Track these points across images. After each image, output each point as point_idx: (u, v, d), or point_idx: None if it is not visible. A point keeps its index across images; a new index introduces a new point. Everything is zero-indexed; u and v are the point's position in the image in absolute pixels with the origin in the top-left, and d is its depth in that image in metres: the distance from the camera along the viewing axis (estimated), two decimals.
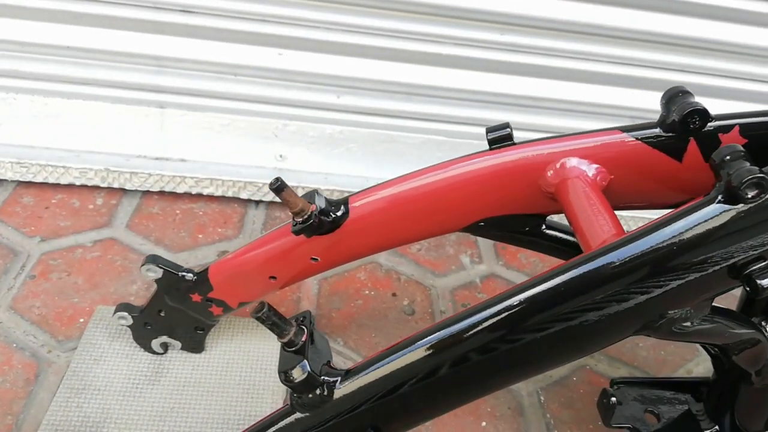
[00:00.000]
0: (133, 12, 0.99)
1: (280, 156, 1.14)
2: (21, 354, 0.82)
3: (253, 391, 0.81)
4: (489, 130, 0.60)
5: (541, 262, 1.11)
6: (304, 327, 0.49)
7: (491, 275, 1.06)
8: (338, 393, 0.48)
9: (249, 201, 1.13)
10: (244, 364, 0.83)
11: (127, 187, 1.10)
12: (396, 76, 1.07)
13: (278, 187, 0.59)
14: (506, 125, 0.60)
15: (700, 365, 0.95)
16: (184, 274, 0.74)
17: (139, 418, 0.76)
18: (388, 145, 1.14)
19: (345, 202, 0.65)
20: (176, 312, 0.78)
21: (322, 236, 0.65)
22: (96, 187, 1.10)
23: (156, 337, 0.81)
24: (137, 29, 1.01)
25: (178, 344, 0.82)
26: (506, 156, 0.59)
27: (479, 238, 1.13)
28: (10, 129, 1.08)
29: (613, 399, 0.70)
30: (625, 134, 0.57)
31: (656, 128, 0.57)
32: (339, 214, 0.64)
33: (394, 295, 1.00)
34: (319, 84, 1.08)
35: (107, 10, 0.99)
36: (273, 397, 0.80)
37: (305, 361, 0.47)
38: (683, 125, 0.55)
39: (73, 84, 1.06)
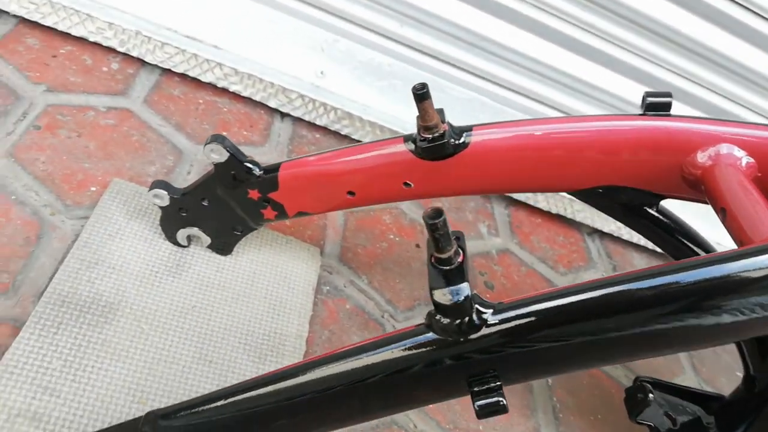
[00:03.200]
0: None
1: (321, 72, 1.06)
2: (20, 209, 0.71)
3: (279, 308, 0.74)
4: (648, 94, 0.57)
5: (551, 248, 1.11)
6: (461, 248, 0.45)
7: (506, 251, 1.04)
8: (486, 328, 0.44)
9: (276, 111, 1.05)
10: (271, 279, 0.77)
11: (147, 59, 0.98)
12: (465, 21, 1.02)
13: (423, 93, 0.54)
14: (669, 94, 0.57)
15: (686, 381, 0.99)
16: (250, 165, 0.66)
17: (158, 309, 0.68)
18: (433, 92, 1.09)
19: (468, 129, 0.60)
20: (222, 205, 0.70)
21: (430, 161, 0.60)
22: (111, 50, 0.97)
23: (185, 227, 0.73)
24: None
25: (207, 241, 0.74)
26: (659, 123, 0.56)
27: (496, 210, 1.11)
28: None
29: (651, 396, 0.71)
30: None
31: None
32: (459, 141, 0.59)
33: (417, 246, 0.96)
34: (384, 6, 1.01)
35: None
36: (300, 319, 0.75)
37: (466, 283, 0.43)
38: None
39: None
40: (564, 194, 1.11)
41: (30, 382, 0.57)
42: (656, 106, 0.57)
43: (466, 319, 0.43)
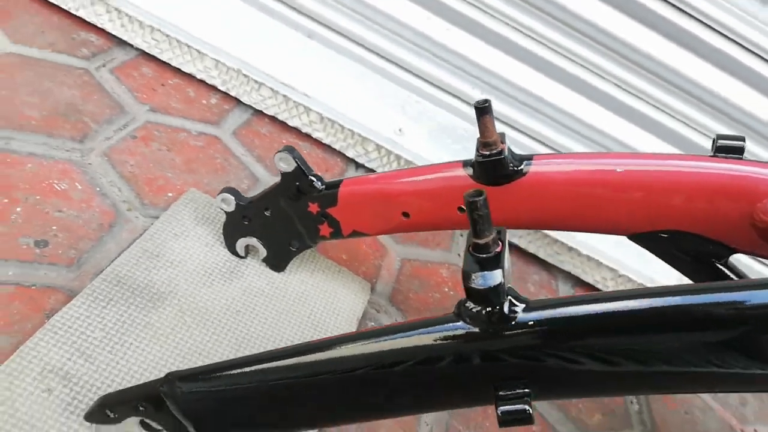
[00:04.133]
0: None
1: (400, 130, 1.10)
2: (102, 200, 0.77)
3: (320, 329, 0.74)
4: (720, 137, 0.55)
5: None
6: (501, 240, 0.43)
7: None
8: (519, 322, 0.42)
9: (351, 161, 1.09)
10: (318, 301, 0.77)
11: (243, 99, 1.06)
12: (552, 95, 1.04)
13: (485, 107, 0.55)
14: (742, 138, 0.55)
15: None
16: (314, 178, 0.69)
17: (204, 307, 0.69)
18: None
19: (529, 158, 0.60)
20: (283, 216, 0.72)
21: (486, 185, 0.60)
22: (213, 88, 1.06)
23: (246, 236, 0.75)
24: None
25: (263, 253, 0.76)
26: (728, 166, 0.54)
27: (561, 288, 1.06)
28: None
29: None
30: None
31: None
32: (518, 168, 0.59)
33: None
34: (467, 72, 1.05)
35: None
36: None
37: (500, 270, 0.41)
38: None
39: None
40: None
41: (70, 344, 0.59)
42: (727, 148, 0.55)
43: (497, 308, 0.41)
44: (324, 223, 0.71)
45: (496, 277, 0.41)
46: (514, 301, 0.42)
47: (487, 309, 0.41)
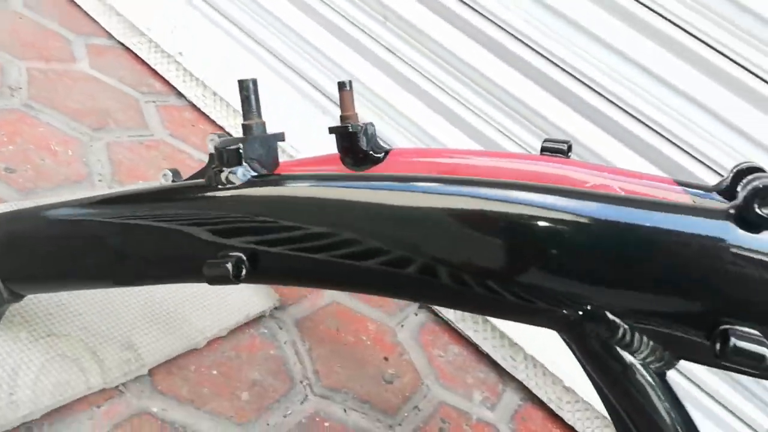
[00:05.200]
0: None
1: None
2: (81, 166, 0.91)
3: (202, 303, 0.77)
4: (546, 140, 0.57)
5: None
6: (262, 122, 0.49)
7: (490, 425, 0.91)
8: (239, 190, 0.46)
9: None
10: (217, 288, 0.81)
11: None
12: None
13: (343, 84, 0.62)
14: (567, 141, 0.57)
15: None
16: None
17: None
18: None
19: (388, 152, 0.65)
20: None
21: (349, 168, 0.65)
22: None
23: None
24: None
25: None
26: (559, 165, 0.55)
27: (506, 395, 0.99)
28: None
29: None
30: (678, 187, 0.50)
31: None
32: (377, 155, 0.64)
33: (385, 359, 0.91)
34: None
35: None
36: (213, 321, 0.76)
37: (243, 138, 0.47)
38: None
39: None
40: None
41: None
42: (551, 149, 0.56)
43: (227, 169, 0.46)
44: None
45: (234, 143, 0.46)
46: (249, 167, 0.46)
47: (221, 168, 0.46)
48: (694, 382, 0.95)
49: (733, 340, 0.34)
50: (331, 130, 0.64)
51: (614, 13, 0.93)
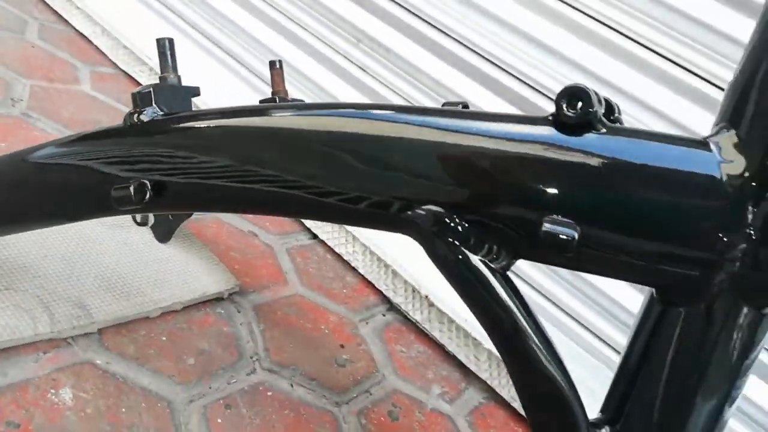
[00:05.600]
0: None
1: None
2: None
3: (160, 277, 0.83)
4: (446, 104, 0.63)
5: None
6: (177, 75, 0.56)
7: (447, 417, 0.93)
8: (145, 126, 0.52)
9: None
10: (176, 266, 0.87)
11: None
12: None
13: (271, 63, 0.70)
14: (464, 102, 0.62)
15: None
16: None
17: (81, 232, 0.84)
18: None
19: None
20: None
21: None
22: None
23: None
24: None
25: (152, 221, 0.91)
26: None
27: (468, 393, 1.01)
28: None
29: None
30: None
31: None
32: None
33: (342, 346, 0.94)
34: None
35: None
36: (165, 293, 0.81)
37: (155, 84, 0.53)
38: None
39: None
40: None
41: None
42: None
43: (140, 109, 0.52)
44: None
45: (147, 88, 0.53)
46: (158, 109, 0.53)
47: (135, 110, 0.53)
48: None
49: (545, 225, 0.38)
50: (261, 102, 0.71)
51: None
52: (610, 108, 0.41)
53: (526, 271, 1.09)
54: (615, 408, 0.46)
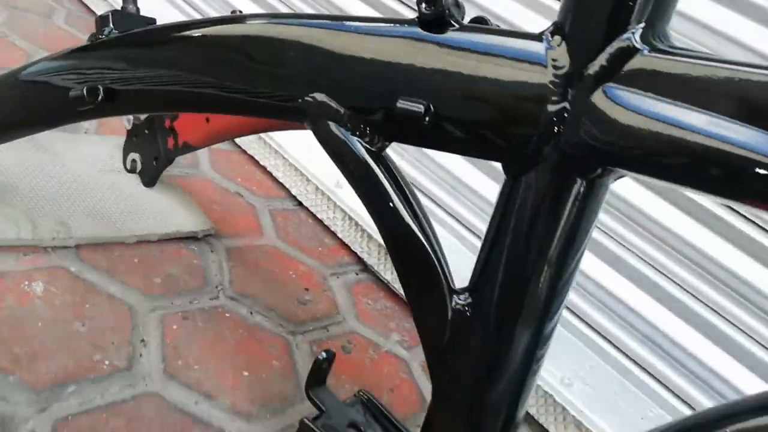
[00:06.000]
0: None
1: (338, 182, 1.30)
2: None
3: (140, 212, 0.92)
4: None
5: None
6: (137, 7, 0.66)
7: (402, 360, 0.99)
8: (103, 43, 0.62)
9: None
10: (162, 202, 0.96)
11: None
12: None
13: None
14: None
15: None
16: None
17: (72, 173, 0.94)
18: None
19: None
20: (152, 133, 0.98)
21: None
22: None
23: (131, 152, 1.01)
24: None
25: (140, 167, 1.01)
26: None
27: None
28: None
29: None
30: None
31: None
32: None
33: (306, 289, 1.02)
34: None
35: None
36: (144, 228, 0.91)
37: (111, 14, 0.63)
38: None
39: None
40: None
41: None
42: None
43: (104, 30, 0.62)
44: (170, 136, 0.95)
45: (106, 13, 0.63)
46: (115, 31, 0.63)
47: (96, 31, 0.63)
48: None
49: (400, 102, 0.46)
50: None
51: None
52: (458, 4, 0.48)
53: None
54: (476, 280, 0.52)
